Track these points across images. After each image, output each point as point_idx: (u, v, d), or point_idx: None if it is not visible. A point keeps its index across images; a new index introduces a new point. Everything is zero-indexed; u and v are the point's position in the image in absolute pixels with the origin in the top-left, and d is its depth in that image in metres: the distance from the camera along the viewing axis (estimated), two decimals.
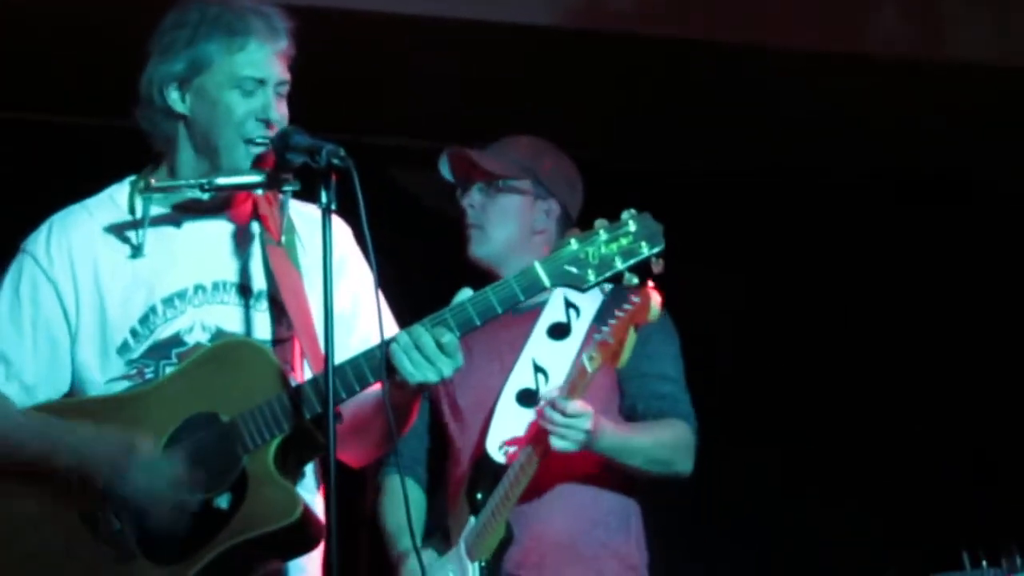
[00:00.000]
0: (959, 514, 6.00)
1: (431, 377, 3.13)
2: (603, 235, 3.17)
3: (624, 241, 3.16)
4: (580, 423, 3.91)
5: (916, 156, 6.06)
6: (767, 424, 5.88)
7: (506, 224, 4.28)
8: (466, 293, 3.19)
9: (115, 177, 3.45)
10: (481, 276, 4.33)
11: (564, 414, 3.90)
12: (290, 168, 3.23)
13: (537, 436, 3.98)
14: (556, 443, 3.92)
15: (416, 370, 3.12)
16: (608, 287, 3.50)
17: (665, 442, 4.10)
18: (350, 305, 3.34)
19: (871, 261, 6.21)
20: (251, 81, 3.29)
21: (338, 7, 4.84)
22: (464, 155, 4.31)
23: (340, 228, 3.35)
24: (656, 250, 3.17)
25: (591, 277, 3.16)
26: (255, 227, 3.40)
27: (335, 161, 3.11)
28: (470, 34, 5.15)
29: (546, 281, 3.17)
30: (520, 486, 3.98)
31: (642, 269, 3.19)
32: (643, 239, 3.16)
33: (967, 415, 6.18)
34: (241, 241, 3.37)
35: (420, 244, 5.38)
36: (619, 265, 3.16)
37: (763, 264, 6.08)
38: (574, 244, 3.17)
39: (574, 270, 3.16)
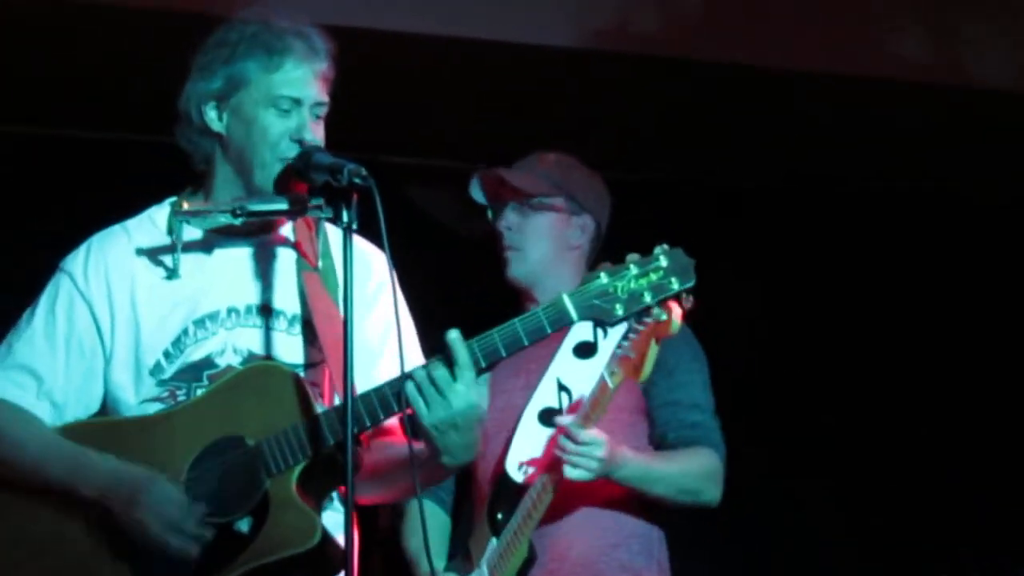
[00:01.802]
0: (968, 522, 6.02)
1: (440, 414, 3.09)
2: (633, 269, 3.15)
3: (654, 276, 3.14)
4: (593, 451, 3.89)
5: (934, 173, 6.07)
6: (780, 430, 5.87)
7: (541, 242, 4.26)
8: (454, 333, 3.14)
9: (160, 195, 3.47)
10: (497, 294, 4.34)
11: (576, 442, 3.88)
12: (317, 190, 3.21)
13: (557, 456, 3.97)
14: (569, 472, 3.91)
15: (428, 410, 3.10)
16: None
17: (693, 471, 4.07)
18: (378, 340, 3.32)
19: (879, 271, 6.22)
20: (287, 100, 3.29)
21: (356, 26, 4.83)
22: (496, 175, 4.29)
23: (380, 259, 3.36)
24: (687, 286, 3.15)
25: (619, 311, 3.14)
26: (292, 252, 3.39)
27: (356, 180, 3.10)
28: (492, 55, 5.15)
29: (574, 315, 3.15)
30: (542, 505, 3.96)
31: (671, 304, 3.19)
32: (674, 274, 3.14)
33: (978, 422, 6.19)
34: (277, 265, 3.37)
35: (437, 262, 5.37)
36: (648, 300, 3.14)
37: (780, 273, 6.10)
38: (604, 278, 3.15)
39: (602, 304, 3.14)
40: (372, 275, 3.36)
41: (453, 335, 3.11)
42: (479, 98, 5.38)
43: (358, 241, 3.25)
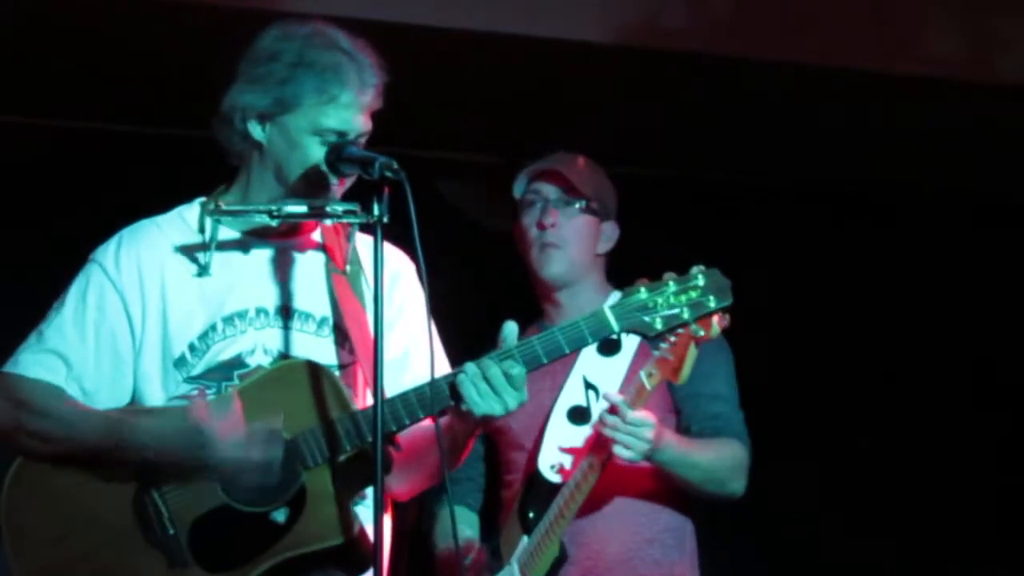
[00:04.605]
0: (987, 529, 6.02)
1: (496, 409, 3.17)
2: (672, 286, 3.27)
3: (693, 294, 3.27)
4: (642, 431, 3.91)
5: (963, 177, 6.05)
6: (798, 438, 5.88)
7: (580, 243, 4.27)
8: (511, 327, 3.22)
9: (185, 190, 3.49)
10: (525, 290, 4.35)
11: (626, 421, 3.90)
12: (353, 196, 3.25)
13: (593, 451, 4.00)
14: (619, 451, 3.93)
15: (482, 400, 3.16)
16: None
17: (724, 462, 4.11)
18: (401, 352, 3.34)
19: (907, 277, 6.21)
20: (332, 132, 3.31)
21: (387, 20, 4.84)
22: (556, 171, 4.27)
23: (407, 267, 3.42)
24: (723, 304, 3.28)
25: (658, 325, 3.26)
26: (320, 255, 3.43)
27: (388, 173, 3.13)
28: (521, 49, 5.15)
29: (615, 326, 3.25)
30: (575, 504, 3.98)
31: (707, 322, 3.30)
32: (711, 293, 3.28)
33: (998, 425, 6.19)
34: (306, 268, 3.41)
35: (464, 257, 5.38)
36: (686, 316, 3.27)
37: (807, 272, 6.09)
38: (643, 292, 3.27)
39: (642, 317, 3.26)
40: (398, 288, 3.39)
41: (512, 327, 3.21)
42: (508, 92, 5.38)
43: (388, 250, 3.25)
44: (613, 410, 3.93)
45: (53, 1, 4.82)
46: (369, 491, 3.28)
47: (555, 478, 4.07)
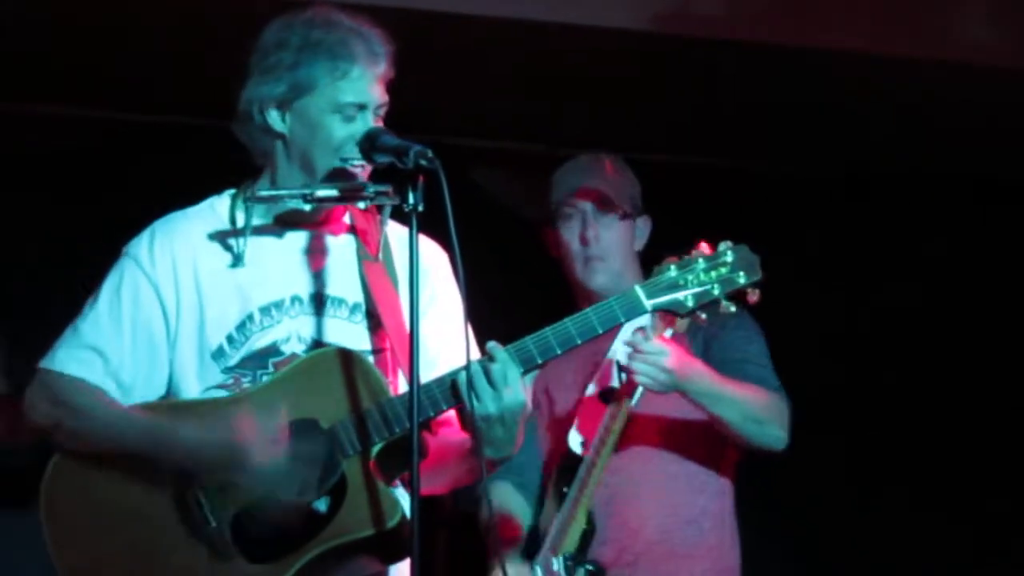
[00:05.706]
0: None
1: (490, 407, 3.16)
2: (701, 263, 3.31)
3: (723, 270, 3.30)
4: (659, 358, 3.93)
5: (1001, 162, 6.03)
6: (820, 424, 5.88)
7: (621, 251, 4.33)
8: (492, 344, 3.22)
9: (209, 176, 3.50)
10: (559, 277, 4.36)
11: (641, 351, 3.94)
12: (386, 177, 3.24)
13: (619, 396, 4.04)
14: (640, 380, 3.95)
15: (479, 402, 3.17)
16: None
17: (762, 401, 4.08)
18: (435, 348, 3.33)
19: (950, 263, 6.18)
20: (352, 107, 3.31)
21: (420, 8, 4.85)
22: (597, 191, 4.30)
23: (439, 260, 3.42)
24: (753, 280, 3.31)
25: (689, 303, 3.30)
26: (352, 242, 3.43)
27: (422, 162, 3.12)
28: (554, 36, 5.15)
29: (647, 305, 3.29)
30: (597, 471, 4.04)
31: (738, 297, 3.32)
32: (740, 269, 3.31)
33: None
34: (338, 255, 3.42)
35: (498, 244, 5.38)
36: (716, 292, 3.30)
37: (839, 262, 6.06)
38: (673, 271, 3.31)
39: (673, 295, 3.29)
40: (429, 282, 3.37)
41: (491, 345, 3.21)
42: (541, 80, 5.38)
43: (421, 241, 3.25)
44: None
45: None
46: (399, 480, 3.31)
47: (580, 450, 4.12)
